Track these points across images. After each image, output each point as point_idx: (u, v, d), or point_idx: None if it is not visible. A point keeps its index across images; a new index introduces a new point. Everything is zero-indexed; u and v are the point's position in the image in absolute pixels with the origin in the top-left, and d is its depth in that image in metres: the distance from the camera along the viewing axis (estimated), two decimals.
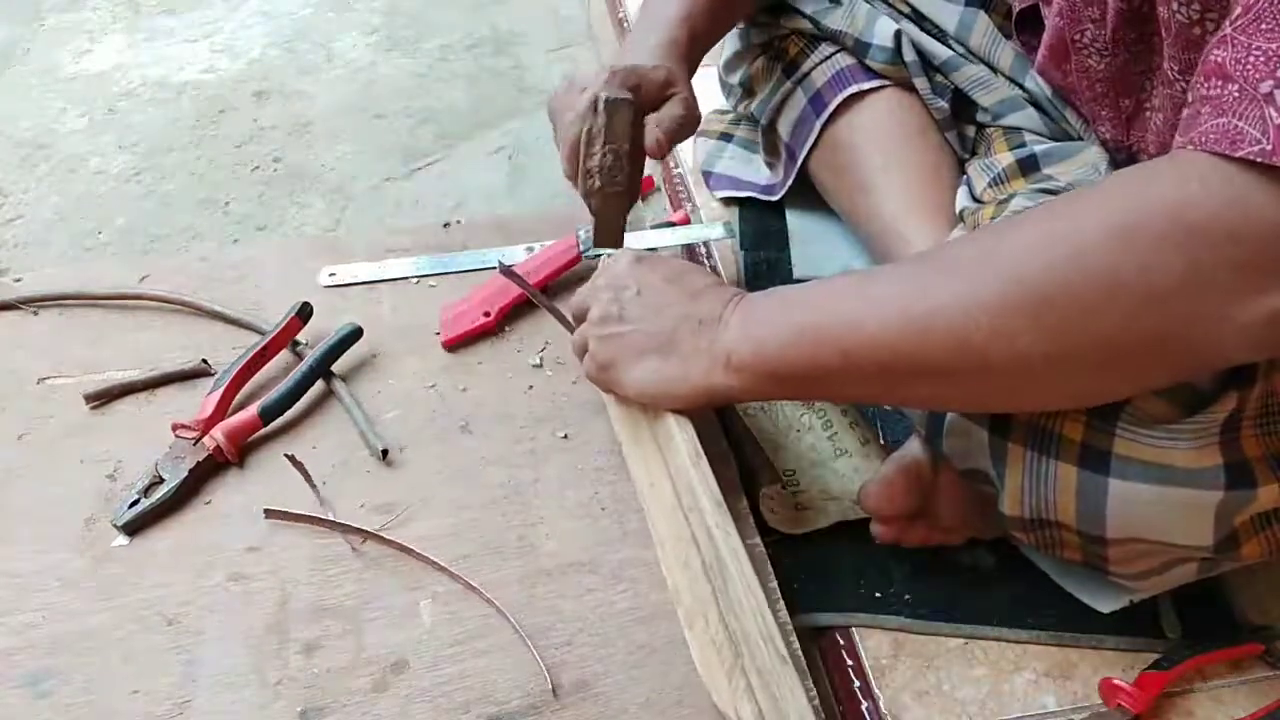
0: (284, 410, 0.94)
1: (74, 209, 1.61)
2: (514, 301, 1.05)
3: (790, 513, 0.90)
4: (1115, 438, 0.66)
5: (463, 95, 1.87)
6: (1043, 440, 0.69)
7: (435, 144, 1.75)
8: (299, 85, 1.90)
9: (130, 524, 0.86)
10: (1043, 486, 0.70)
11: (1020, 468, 0.71)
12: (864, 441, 0.94)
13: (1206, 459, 0.64)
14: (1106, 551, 0.71)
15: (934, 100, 1.03)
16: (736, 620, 0.72)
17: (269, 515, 0.86)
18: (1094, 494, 0.68)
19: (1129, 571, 0.73)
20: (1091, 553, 0.72)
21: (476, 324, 1.03)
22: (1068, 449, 0.68)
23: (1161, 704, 0.77)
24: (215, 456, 0.90)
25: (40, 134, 1.78)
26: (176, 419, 0.92)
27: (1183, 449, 0.64)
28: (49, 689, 0.76)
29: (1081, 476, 0.68)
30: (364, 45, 2.01)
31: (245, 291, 1.08)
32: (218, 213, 1.60)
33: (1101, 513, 0.68)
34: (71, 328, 1.05)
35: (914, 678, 0.80)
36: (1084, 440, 0.67)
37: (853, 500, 0.89)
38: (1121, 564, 0.72)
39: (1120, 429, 0.66)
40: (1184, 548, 0.68)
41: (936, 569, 0.86)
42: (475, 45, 2.01)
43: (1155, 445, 0.65)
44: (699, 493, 0.78)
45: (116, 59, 1.98)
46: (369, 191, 1.64)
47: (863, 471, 0.91)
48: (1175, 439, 0.64)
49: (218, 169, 1.69)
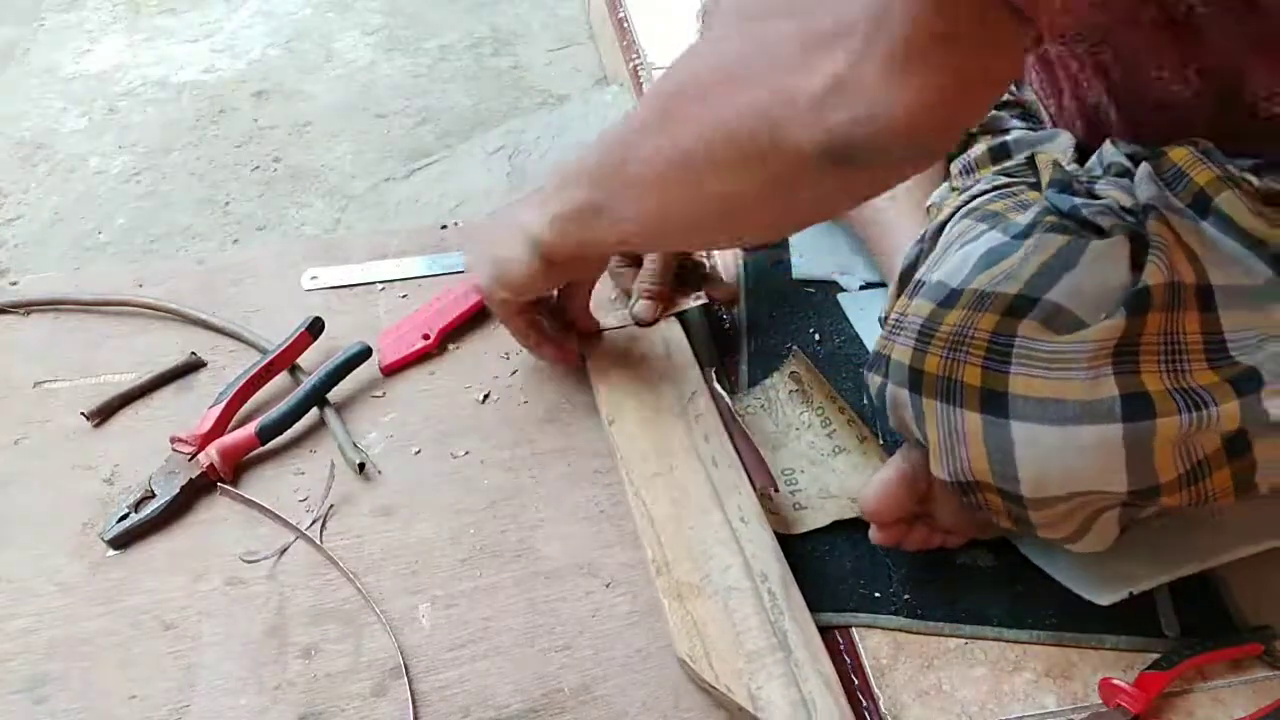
0: (283, 430, 0.93)
1: (74, 209, 1.60)
2: (454, 322, 1.04)
3: (788, 514, 0.90)
4: (1010, 376, 0.67)
5: (463, 95, 1.87)
6: (949, 390, 0.70)
7: (435, 144, 1.75)
8: (299, 85, 1.90)
9: (118, 538, 0.85)
10: (955, 443, 0.71)
11: (935, 425, 0.72)
12: (861, 439, 0.94)
13: (1102, 390, 0.65)
14: (1028, 514, 0.72)
15: None
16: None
17: (222, 493, 0.88)
18: (1001, 442, 0.68)
19: (1055, 535, 0.74)
20: (1017, 516, 0.73)
21: (416, 348, 1.02)
22: (970, 395, 0.69)
23: (1161, 704, 0.77)
24: (209, 474, 0.89)
25: (40, 134, 1.78)
26: (173, 421, 0.92)
27: (1077, 379, 0.65)
28: (46, 694, 0.76)
29: (985, 423, 0.69)
30: (364, 45, 2.01)
31: (243, 294, 1.08)
32: (218, 213, 1.60)
33: (1012, 463, 0.69)
34: (67, 331, 1.05)
35: (914, 678, 0.80)
36: (982, 384, 0.68)
37: (851, 498, 0.89)
38: (1047, 528, 0.73)
39: (1015, 366, 0.67)
40: (1100, 494, 0.69)
41: (936, 569, 0.86)
42: (475, 45, 2.01)
43: (1049, 379, 0.66)
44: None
45: (116, 59, 1.97)
46: (369, 191, 1.64)
47: (861, 469, 0.91)
48: (1069, 370, 0.65)
49: (217, 169, 1.69)
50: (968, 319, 0.70)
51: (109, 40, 2.03)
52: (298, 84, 1.90)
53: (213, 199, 1.62)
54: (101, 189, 1.65)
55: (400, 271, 1.12)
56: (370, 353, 0.98)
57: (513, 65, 1.96)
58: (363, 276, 1.11)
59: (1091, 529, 0.74)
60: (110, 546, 0.85)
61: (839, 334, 1.07)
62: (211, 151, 1.73)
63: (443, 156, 1.71)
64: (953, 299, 0.72)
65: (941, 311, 0.72)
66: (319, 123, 1.80)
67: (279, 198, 1.63)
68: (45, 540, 0.86)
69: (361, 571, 0.83)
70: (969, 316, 0.70)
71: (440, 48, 2.00)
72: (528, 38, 2.03)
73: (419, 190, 1.64)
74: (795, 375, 1.00)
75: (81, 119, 1.81)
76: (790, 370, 1.00)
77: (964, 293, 0.72)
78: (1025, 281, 0.69)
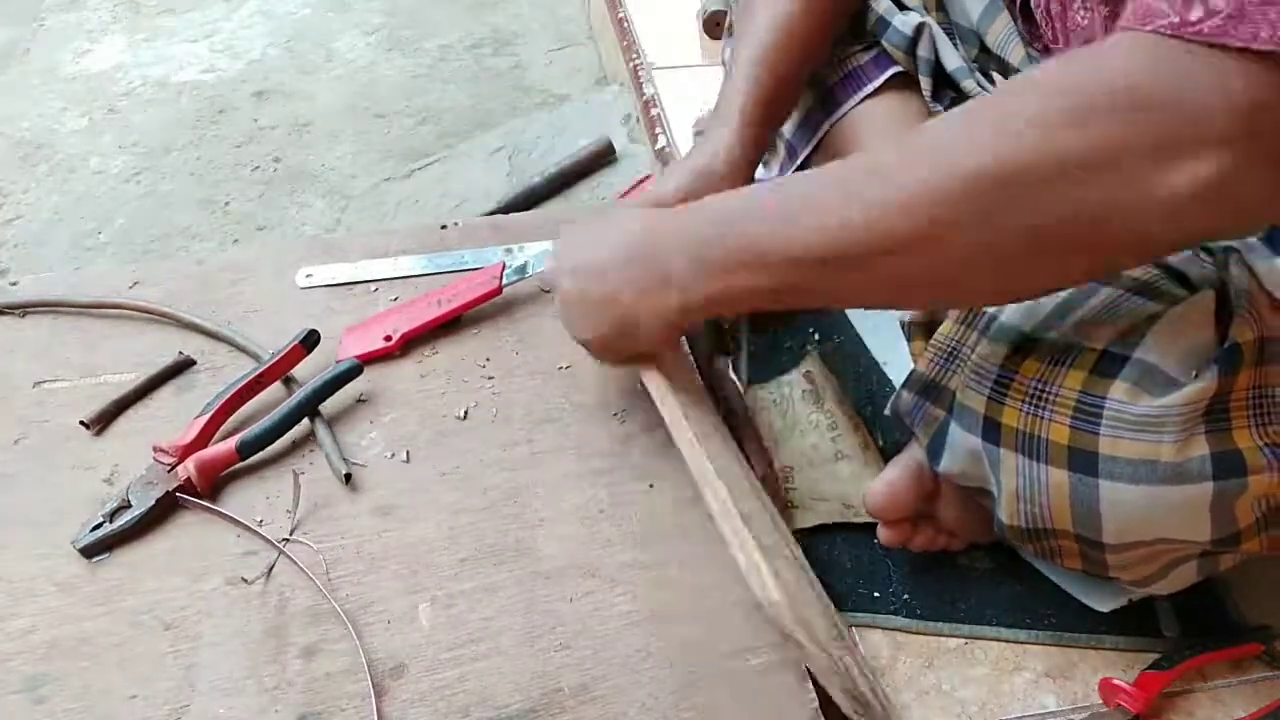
0: (264, 446, 0.91)
1: (73, 209, 1.60)
2: (421, 328, 1.03)
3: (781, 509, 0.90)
4: (1100, 437, 0.66)
5: (463, 95, 1.87)
6: (1031, 445, 0.69)
7: (435, 144, 1.75)
8: (299, 85, 1.90)
9: (90, 548, 0.85)
10: (1037, 493, 0.70)
11: (1014, 475, 0.71)
12: (864, 446, 0.94)
13: (1193, 449, 0.64)
14: (1105, 557, 0.71)
15: (935, 106, 1.02)
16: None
17: (181, 504, 0.88)
18: (1087, 498, 0.67)
19: (1131, 577, 0.73)
20: (1092, 559, 0.72)
21: (376, 348, 1.01)
22: (1056, 453, 0.68)
23: (1161, 704, 0.77)
24: (186, 487, 0.88)
25: (40, 134, 1.78)
26: (173, 422, 0.92)
27: (1168, 443, 0.64)
28: (46, 694, 0.76)
29: (1072, 480, 0.68)
30: (364, 45, 2.01)
31: (243, 294, 1.08)
32: (217, 213, 1.60)
33: (1096, 516, 0.68)
34: (66, 332, 1.05)
35: (914, 678, 0.80)
36: (1070, 443, 0.67)
37: (844, 503, 0.89)
38: (1122, 570, 0.72)
39: (1104, 427, 0.66)
40: (1183, 543, 0.68)
41: (936, 569, 0.86)
42: (475, 45, 2.01)
43: (1140, 441, 0.65)
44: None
45: (116, 59, 1.97)
46: (369, 191, 1.64)
47: (860, 477, 0.91)
48: (1160, 433, 0.64)
49: (217, 169, 1.69)
50: (1050, 374, 0.69)
51: (109, 40, 2.03)
52: (298, 84, 1.90)
53: (212, 199, 1.62)
54: (101, 189, 1.65)
55: (397, 270, 1.11)
56: (360, 370, 0.96)
57: (513, 65, 1.96)
58: (357, 275, 1.11)
59: (1170, 574, 0.73)
60: (82, 555, 0.84)
61: (840, 334, 1.07)
62: (211, 151, 1.73)
63: (443, 156, 1.71)
64: (1028, 347, 0.71)
65: (1016, 359, 0.71)
66: (319, 123, 1.80)
67: (279, 198, 1.63)
68: (45, 540, 0.86)
69: (362, 571, 0.83)
70: (1051, 372, 0.69)
71: (440, 48, 2.00)
72: (528, 38, 2.03)
73: (419, 190, 1.64)
74: (809, 375, 1.00)
75: (81, 119, 1.81)
76: (805, 370, 1.00)
77: (1042, 342, 0.71)
78: (1109, 338, 0.68)
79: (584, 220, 0.85)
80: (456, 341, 1.04)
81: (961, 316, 0.77)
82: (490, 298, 1.05)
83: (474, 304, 1.04)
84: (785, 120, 1.00)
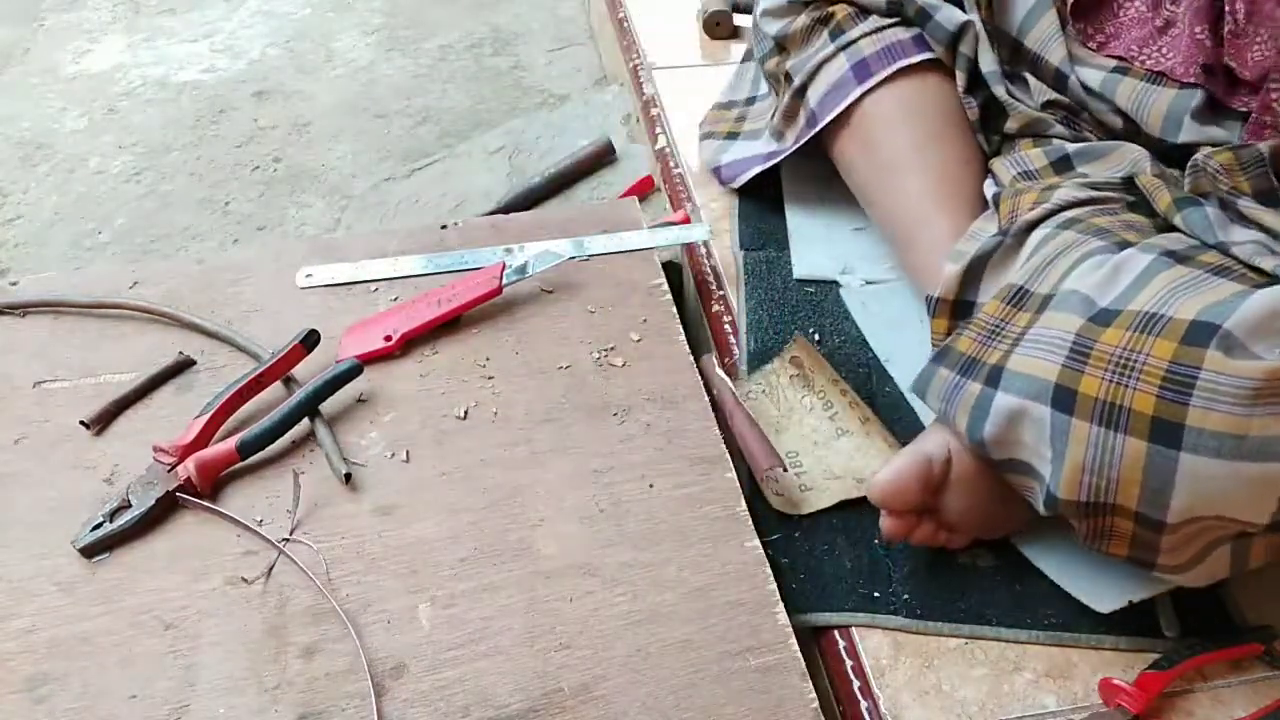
0: (264, 446, 0.91)
1: (73, 209, 1.60)
2: (421, 328, 1.02)
3: (793, 494, 0.91)
4: (1189, 408, 0.66)
5: (463, 95, 1.87)
6: (1111, 415, 0.69)
7: (435, 144, 1.75)
8: (299, 85, 1.90)
9: (90, 548, 0.85)
10: (1106, 466, 0.70)
11: (1084, 446, 0.70)
12: (864, 420, 0.94)
13: (1276, 426, 0.64)
14: (1160, 539, 0.70)
15: (968, 101, 1.03)
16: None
17: (181, 504, 0.88)
18: (1162, 470, 0.67)
19: (1173, 562, 0.73)
20: (1142, 541, 0.72)
21: (376, 348, 1.01)
22: (1137, 423, 0.68)
23: (1161, 704, 0.77)
24: (186, 487, 0.88)
25: (40, 134, 1.78)
26: (173, 421, 0.92)
27: (1259, 416, 0.64)
28: (46, 694, 0.76)
29: (1150, 451, 0.67)
30: (364, 45, 2.01)
31: (243, 294, 1.08)
32: (218, 213, 1.60)
33: (1167, 491, 0.67)
34: (66, 331, 1.05)
35: (914, 678, 0.80)
36: (1155, 413, 0.67)
37: (856, 479, 0.89)
38: (1170, 553, 0.72)
39: (1197, 398, 0.65)
40: (1235, 522, 0.68)
41: (936, 569, 0.86)
42: (475, 45, 2.01)
43: (1233, 414, 0.64)
44: None
45: (116, 59, 1.98)
46: (369, 191, 1.64)
47: (864, 450, 0.92)
48: (1251, 406, 0.64)
49: (217, 169, 1.69)
50: (1137, 342, 0.69)
51: (109, 40, 2.03)
52: (298, 84, 1.90)
53: (212, 199, 1.62)
54: (101, 189, 1.65)
55: (397, 270, 1.11)
56: (360, 370, 0.96)
57: (513, 65, 1.96)
58: (357, 275, 1.11)
59: (1205, 560, 0.73)
60: (82, 555, 0.84)
61: (839, 334, 1.07)
62: (211, 151, 1.73)
63: (443, 156, 1.71)
64: (1106, 317, 0.71)
65: (1095, 328, 0.71)
66: (319, 123, 1.80)
67: (279, 198, 1.63)
68: (45, 540, 0.86)
69: (361, 571, 0.83)
70: (1138, 339, 0.69)
71: (440, 48, 2.00)
72: (528, 38, 2.04)
73: (419, 190, 1.64)
74: (796, 360, 1.00)
75: (81, 119, 1.81)
76: (791, 355, 1.01)
77: (1121, 312, 0.71)
78: (1197, 308, 0.68)
79: None
80: (456, 341, 1.03)
81: (1006, 295, 0.79)
82: (490, 298, 1.05)
83: (474, 304, 1.04)
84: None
